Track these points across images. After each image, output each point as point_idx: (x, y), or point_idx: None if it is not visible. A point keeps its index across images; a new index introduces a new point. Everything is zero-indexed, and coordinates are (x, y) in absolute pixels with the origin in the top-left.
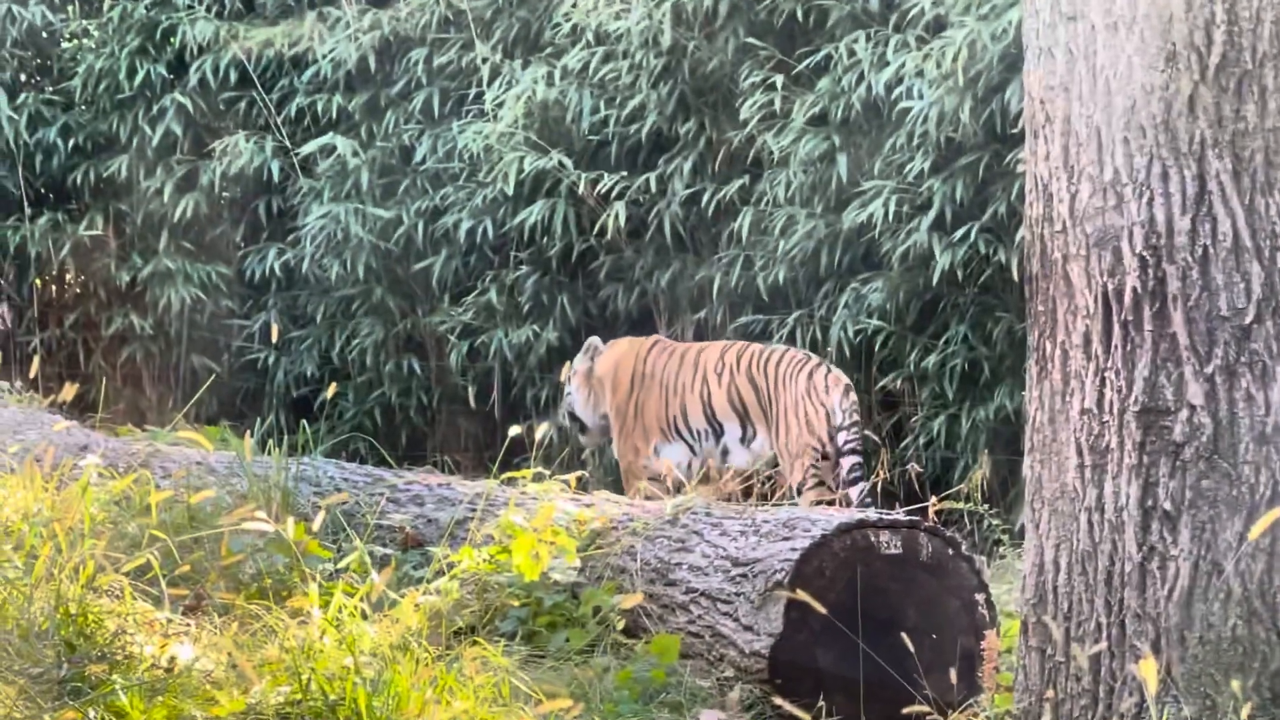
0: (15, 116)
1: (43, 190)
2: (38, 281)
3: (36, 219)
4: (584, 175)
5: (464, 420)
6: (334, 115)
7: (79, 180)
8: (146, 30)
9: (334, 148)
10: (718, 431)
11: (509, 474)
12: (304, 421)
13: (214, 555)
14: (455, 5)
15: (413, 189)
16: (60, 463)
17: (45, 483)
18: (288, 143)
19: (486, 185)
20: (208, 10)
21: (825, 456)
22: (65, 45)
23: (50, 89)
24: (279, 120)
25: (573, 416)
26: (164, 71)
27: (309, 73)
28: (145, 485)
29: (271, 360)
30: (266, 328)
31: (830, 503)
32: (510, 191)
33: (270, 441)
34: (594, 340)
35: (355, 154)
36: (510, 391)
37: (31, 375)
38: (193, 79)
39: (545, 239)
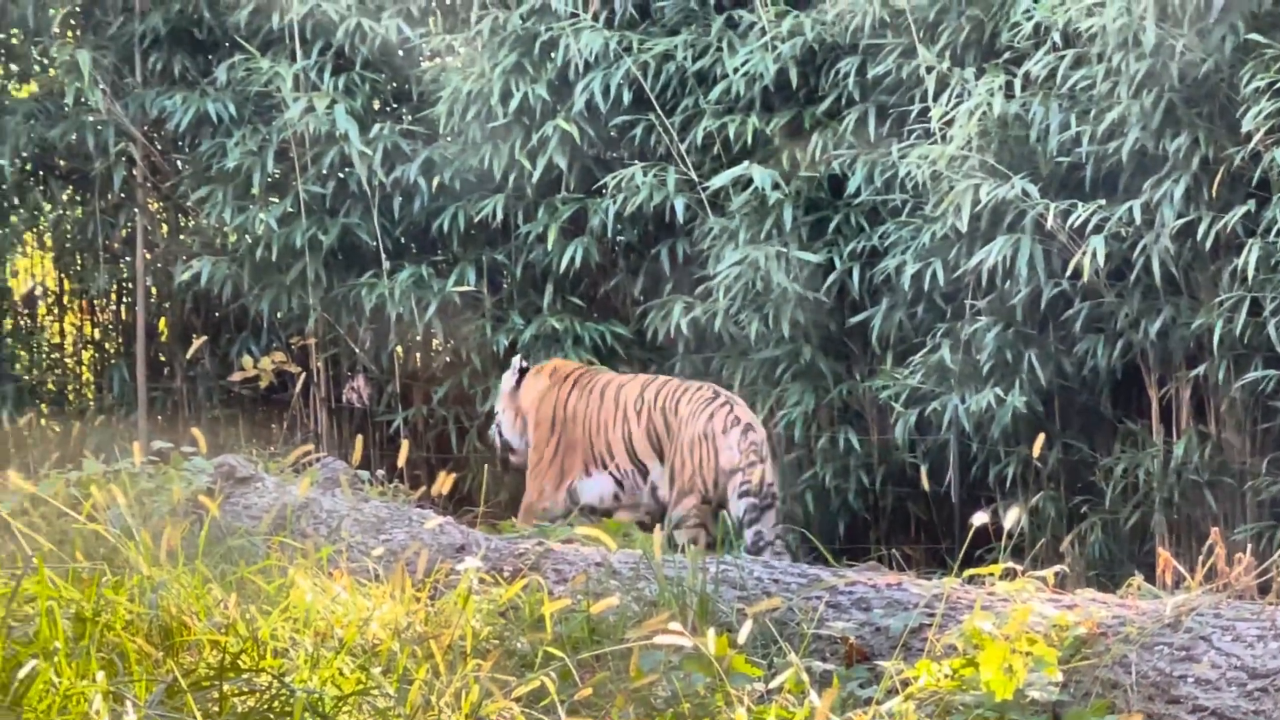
0: (369, 152)
1: (402, 239)
2: (399, 349)
3: (396, 274)
4: (1053, 205)
5: (914, 505)
6: (749, 140)
7: (445, 226)
8: (523, 44)
9: (750, 179)
10: (642, 470)
11: (972, 570)
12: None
13: (621, 675)
14: (893, 5)
15: (846, 227)
16: (434, 567)
17: (417, 592)
18: (694, 175)
19: (935, 220)
20: (595, 19)
21: (706, 501)
22: (426, 65)
23: (409, 118)
24: (683, 148)
25: (502, 439)
26: (544, 94)
27: (717, 90)
28: (536, 593)
29: None
30: None
31: (710, 546)
32: (964, 227)
33: None
34: (519, 360)
35: (776, 186)
36: (970, 469)
37: (400, 463)
38: (579, 101)
39: (1008, 283)
